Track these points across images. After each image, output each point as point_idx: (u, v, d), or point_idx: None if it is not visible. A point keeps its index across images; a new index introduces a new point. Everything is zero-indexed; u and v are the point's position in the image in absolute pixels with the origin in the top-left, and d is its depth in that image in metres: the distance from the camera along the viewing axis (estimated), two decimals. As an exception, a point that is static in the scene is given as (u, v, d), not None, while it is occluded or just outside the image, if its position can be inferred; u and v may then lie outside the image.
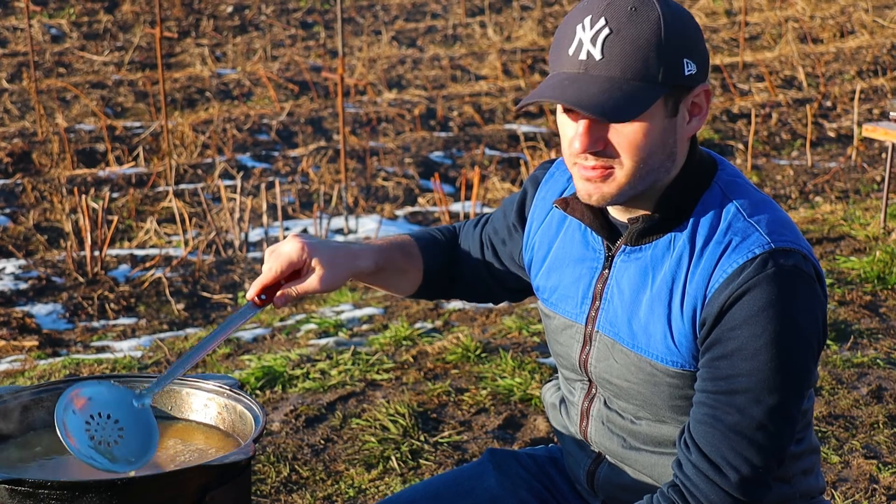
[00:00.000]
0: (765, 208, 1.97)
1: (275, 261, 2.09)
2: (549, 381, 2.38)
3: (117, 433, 2.07)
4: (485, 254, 2.35)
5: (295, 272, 2.11)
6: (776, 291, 1.86)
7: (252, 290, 2.10)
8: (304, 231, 7.21)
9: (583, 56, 1.89)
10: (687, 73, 1.89)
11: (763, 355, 1.86)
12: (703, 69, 1.93)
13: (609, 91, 1.86)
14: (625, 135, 1.90)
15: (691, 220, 1.97)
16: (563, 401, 2.25)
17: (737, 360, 1.88)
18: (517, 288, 2.35)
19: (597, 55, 1.88)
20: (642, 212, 2.00)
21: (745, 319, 1.87)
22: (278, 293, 2.10)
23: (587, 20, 1.89)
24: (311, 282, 2.09)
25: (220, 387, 2.30)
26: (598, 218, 2.05)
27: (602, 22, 1.87)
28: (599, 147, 1.91)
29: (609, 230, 2.06)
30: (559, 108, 1.98)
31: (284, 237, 2.19)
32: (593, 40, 1.88)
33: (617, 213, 2.05)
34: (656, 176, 1.95)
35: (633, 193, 1.95)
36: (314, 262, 2.09)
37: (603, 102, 1.85)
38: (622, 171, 1.92)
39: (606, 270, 2.05)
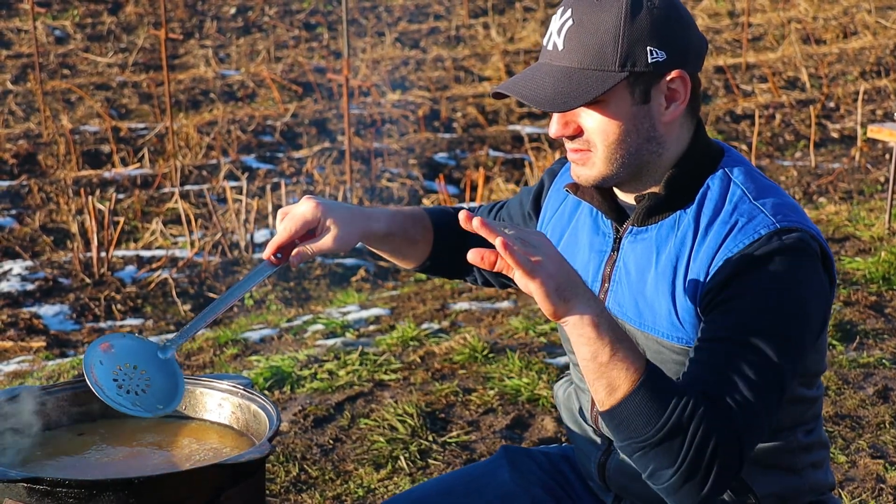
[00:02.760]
0: (771, 192, 2.00)
1: (289, 220, 2.11)
2: (560, 378, 2.40)
3: (144, 383, 2.11)
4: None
5: (309, 231, 2.13)
6: (780, 262, 1.90)
7: (268, 249, 2.12)
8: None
9: (550, 47, 2.00)
10: (651, 60, 1.94)
11: (763, 315, 1.88)
12: (678, 56, 1.96)
13: (560, 81, 1.95)
14: (592, 122, 1.98)
15: (696, 201, 2.01)
16: (574, 394, 2.27)
17: (736, 314, 1.89)
18: None
19: (560, 46, 1.97)
20: (648, 192, 2.05)
21: (749, 283, 1.90)
22: (294, 252, 2.12)
23: (559, 11, 1.99)
24: (326, 241, 2.12)
25: (234, 386, 2.32)
26: (606, 200, 2.10)
27: (568, 13, 1.96)
28: (571, 132, 2.00)
29: (618, 212, 2.10)
30: None
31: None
32: (559, 31, 1.97)
33: (625, 196, 2.09)
34: (640, 158, 2.00)
35: (619, 176, 2.01)
36: (329, 222, 2.12)
37: (547, 93, 1.94)
38: (597, 155, 2.00)
39: (615, 253, 2.10)
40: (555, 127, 2.01)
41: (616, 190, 2.11)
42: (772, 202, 1.97)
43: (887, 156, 8.77)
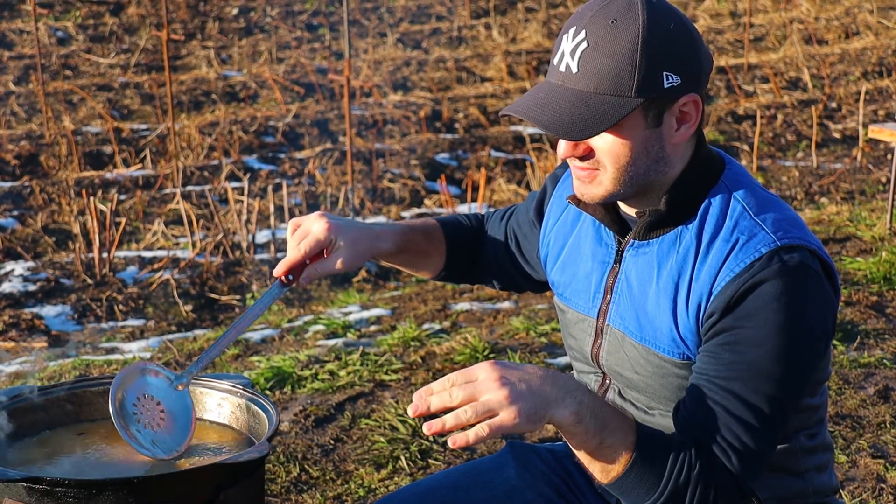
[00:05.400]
0: (771, 207, 2.00)
1: (303, 241, 2.18)
2: None
3: (159, 416, 2.15)
4: (509, 245, 2.43)
5: (319, 251, 2.20)
6: (782, 287, 1.89)
7: (280, 268, 2.19)
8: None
9: (563, 68, 1.95)
10: (667, 86, 1.92)
11: (766, 346, 1.89)
12: (691, 80, 1.95)
13: (576, 106, 1.92)
14: (603, 144, 1.96)
15: (698, 217, 2.01)
16: None
17: (739, 350, 1.90)
18: (539, 280, 2.42)
19: (573, 68, 1.93)
20: (650, 206, 2.04)
21: (751, 313, 1.90)
22: (304, 274, 2.20)
23: (571, 31, 1.94)
24: (335, 262, 2.19)
25: (234, 386, 2.33)
26: (609, 213, 2.10)
27: (582, 35, 1.92)
28: (582, 153, 1.98)
29: (620, 225, 2.10)
30: None
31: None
32: (572, 53, 1.93)
33: (627, 208, 2.09)
34: (647, 178, 2.00)
35: (625, 194, 2.01)
36: (339, 244, 2.19)
37: (564, 120, 1.91)
38: (606, 175, 1.98)
39: (617, 265, 2.10)
40: (564, 148, 1.99)
41: (619, 202, 2.11)
42: (772, 217, 1.97)
43: (889, 156, 8.76)
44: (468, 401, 1.75)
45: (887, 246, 6.07)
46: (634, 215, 2.07)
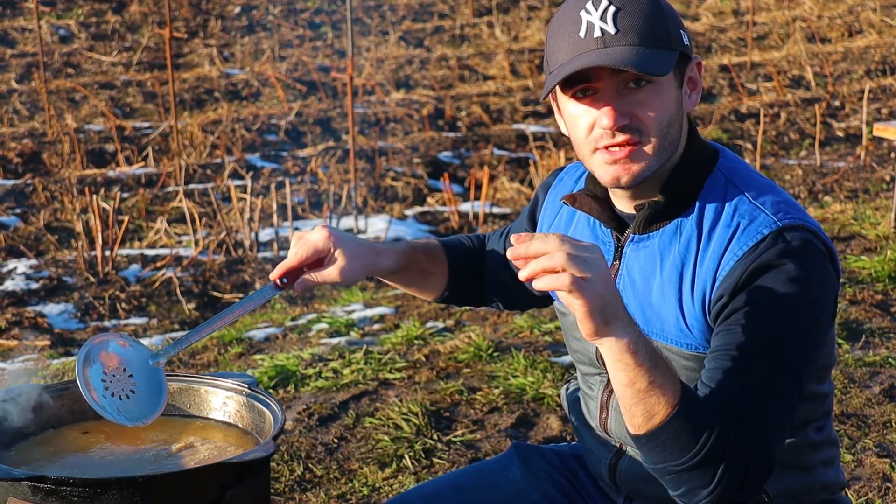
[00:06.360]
0: (769, 190, 2.02)
1: (301, 247, 2.17)
2: (567, 382, 2.42)
3: (130, 387, 2.13)
4: (508, 262, 2.38)
5: (318, 260, 2.18)
6: (788, 265, 1.91)
7: (276, 271, 2.18)
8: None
9: (597, 34, 1.96)
10: (686, 43, 2.00)
11: (777, 322, 1.90)
12: (692, 43, 2.04)
13: (638, 53, 1.94)
14: (649, 104, 1.97)
15: (697, 206, 2.02)
16: (583, 399, 2.27)
17: (752, 326, 1.90)
18: (542, 294, 2.38)
19: (611, 30, 1.95)
20: (648, 199, 2.04)
21: (761, 291, 1.91)
22: (299, 279, 2.18)
23: (589, 5, 1.97)
24: (331, 272, 2.17)
25: (239, 385, 2.32)
26: (605, 210, 2.11)
27: (605, 3, 1.96)
28: (626, 122, 1.97)
29: (617, 222, 2.10)
30: (566, 100, 2.02)
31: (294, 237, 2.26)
32: (603, 18, 1.96)
33: (623, 205, 2.10)
34: (670, 152, 2.01)
35: (656, 169, 2.01)
36: (337, 253, 2.17)
37: (641, 60, 1.93)
38: (648, 144, 1.98)
39: (617, 262, 2.10)
40: (614, 115, 1.96)
41: (613, 199, 2.11)
42: (771, 200, 1.99)
43: (893, 154, 8.75)
44: (566, 257, 1.73)
45: (892, 244, 6.06)
46: (632, 210, 2.08)
